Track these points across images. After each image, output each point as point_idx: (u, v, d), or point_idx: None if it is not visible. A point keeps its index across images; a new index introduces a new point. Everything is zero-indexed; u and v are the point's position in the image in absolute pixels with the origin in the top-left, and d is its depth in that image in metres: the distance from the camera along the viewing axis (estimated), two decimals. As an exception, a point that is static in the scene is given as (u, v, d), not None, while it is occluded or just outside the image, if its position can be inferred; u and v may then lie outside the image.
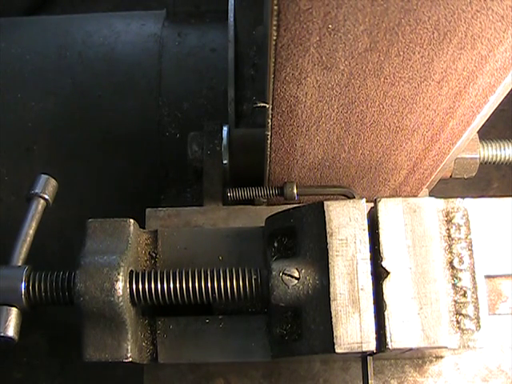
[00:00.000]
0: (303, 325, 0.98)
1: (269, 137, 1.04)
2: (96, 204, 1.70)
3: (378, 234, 0.98)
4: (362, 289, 0.95)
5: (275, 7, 0.70)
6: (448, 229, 1.01)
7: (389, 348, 0.93)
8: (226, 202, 1.30)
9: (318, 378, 1.14)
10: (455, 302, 0.98)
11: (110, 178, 1.72)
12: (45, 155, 1.71)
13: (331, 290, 0.95)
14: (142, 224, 1.15)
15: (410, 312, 0.94)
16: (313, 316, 0.96)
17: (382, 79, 0.88)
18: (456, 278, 0.99)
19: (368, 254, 0.97)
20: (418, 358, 1.13)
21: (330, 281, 0.95)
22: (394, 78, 0.88)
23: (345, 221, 0.98)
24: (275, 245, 1.05)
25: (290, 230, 1.03)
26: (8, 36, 1.84)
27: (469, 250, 0.99)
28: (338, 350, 0.93)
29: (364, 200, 1.00)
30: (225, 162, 1.34)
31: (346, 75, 0.86)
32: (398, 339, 0.93)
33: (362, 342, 0.93)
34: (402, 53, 0.81)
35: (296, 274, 0.97)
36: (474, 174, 1.42)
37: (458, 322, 0.97)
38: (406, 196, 1.28)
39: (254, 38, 1.46)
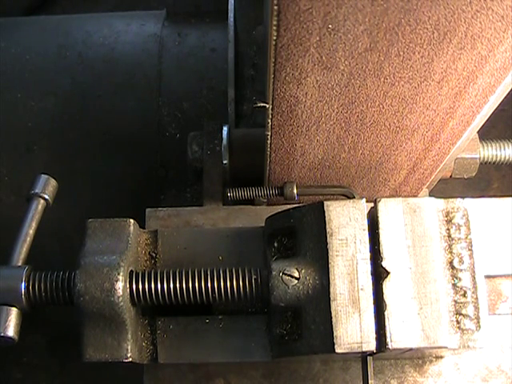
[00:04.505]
0: (303, 325, 0.98)
1: (269, 137, 1.04)
2: (96, 204, 1.70)
3: (377, 234, 0.98)
4: (361, 289, 0.95)
5: (275, 7, 0.70)
6: (448, 229, 1.01)
7: (389, 348, 0.93)
8: (226, 202, 1.30)
9: (318, 378, 1.14)
10: (455, 302, 0.98)
11: (109, 177, 1.72)
12: (45, 155, 1.71)
13: (331, 290, 0.95)
14: (142, 224, 1.15)
15: (410, 312, 0.94)
16: (313, 316, 0.96)
17: (382, 79, 0.88)
18: (456, 278, 0.99)
19: (368, 254, 0.97)
20: (418, 358, 1.13)
21: (330, 281, 0.95)
22: (394, 78, 0.88)
23: (345, 221, 0.98)
24: (275, 245, 1.05)
25: (290, 230, 1.03)
26: (8, 36, 1.84)
27: (469, 250, 1.00)
28: (338, 350, 0.93)
29: (364, 200, 1.00)
30: (225, 162, 1.34)
31: (345, 75, 0.86)
32: (398, 339, 0.93)
33: (362, 342, 0.93)
34: (402, 53, 0.81)
35: (296, 274, 0.97)
36: (474, 174, 1.42)
37: (458, 322, 0.97)
38: (406, 196, 1.28)
39: (254, 37, 1.46)
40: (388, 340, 0.93)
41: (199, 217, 1.24)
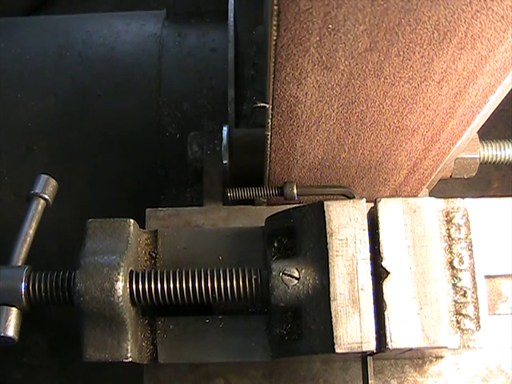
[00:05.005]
0: (303, 325, 0.98)
1: (269, 137, 1.04)
2: (96, 204, 1.70)
3: (377, 234, 0.98)
4: (361, 289, 0.95)
5: (275, 7, 0.70)
6: (448, 229, 1.01)
7: (389, 348, 0.93)
8: (226, 202, 1.30)
9: (318, 378, 1.14)
10: (455, 302, 0.98)
11: (110, 177, 1.72)
12: (45, 155, 1.71)
13: (331, 289, 0.95)
14: (142, 224, 1.15)
15: (410, 312, 0.94)
16: (313, 316, 0.96)
17: (382, 79, 0.88)
18: (456, 277, 0.99)
19: (368, 254, 0.97)
20: (418, 358, 1.13)
21: (330, 281, 0.95)
22: (394, 78, 0.88)
23: (345, 221, 0.98)
24: (275, 245, 1.05)
25: (290, 230, 1.03)
26: (8, 36, 1.84)
27: (469, 250, 1.00)
28: (337, 350, 0.93)
29: (364, 200, 1.00)
30: (225, 162, 1.34)
31: (346, 75, 0.86)
32: (398, 339, 0.93)
33: (361, 342, 0.93)
34: (402, 53, 0.81)
35: (296, 274, 0.97)
36: (474, 174, 1.42)
37: (458, 322, 0.97)
38: (406, 196, 1.28)
39: (254, 37, 1.46)
40: (388, 340, 0.93)
41: (199, 217, 1.24)
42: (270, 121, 0.98)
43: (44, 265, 1.06)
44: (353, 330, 0.93)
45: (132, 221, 1.07)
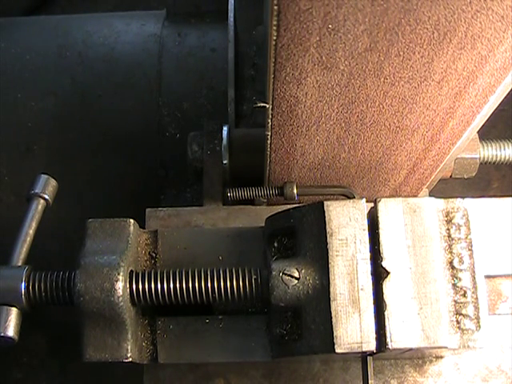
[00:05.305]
0: (303, 325, 0.98)
1: (269, 137, 1.04)
2: (96, 204, 1.70)
3: (377, 234, 0.98)
4: (361, 289, 0.95)
5: (275, 7, 0.70)
6: (448, 229, 1.01)
7: (389, 348, 0.93)
8: (226, 202, 1.30)
9: (318, 377, 1.14)
10: (455, 302, 0.98)
11: (110, 177, 1.72)
12: (45, 155, 1.71)
13: (331, 289, 0.95)
14: (142, 224, 1.15)
15: (410, 312, 0.94)
16: (313, 316, 0.96)
17: (382, 79, 0.88)
18: (456, 277, 0.99)
19: (368, 254, 0.97)
20: (418, 358, 1.13)
21: (330, 281, 0.95)
22: (394, 77, 0.88)
23: (345, 221, 0.98)
24: (275, 245, 1.05)
25: (290, 230, 1.03)
26: (8, 36, 1.84)
27: (469, 250, 1.00)
28: (337, 350, 0.93)
29: (364, 200, 1.00)
30: (225, 162, 1.34)
31: (346, 75, 0.86)
32: (398, 339, 0.93)
33: (361, 342, 0.93)
34: (401, 53, 0.82)
35: (296, 274, 0.97)
36: (474, 174, 1.42)
37: (458, 322, 0.97)
38: (406, 196, 1.28)
39: (254, 38, 1.46)
40: (388, 340, 0.93)
41: (199, 217, 1.24)
42: (269, 121, 0.98)
43: (44, 265, 1.06)
44: (353, 330, 0.93)
45: (132, 221, 1.07)
